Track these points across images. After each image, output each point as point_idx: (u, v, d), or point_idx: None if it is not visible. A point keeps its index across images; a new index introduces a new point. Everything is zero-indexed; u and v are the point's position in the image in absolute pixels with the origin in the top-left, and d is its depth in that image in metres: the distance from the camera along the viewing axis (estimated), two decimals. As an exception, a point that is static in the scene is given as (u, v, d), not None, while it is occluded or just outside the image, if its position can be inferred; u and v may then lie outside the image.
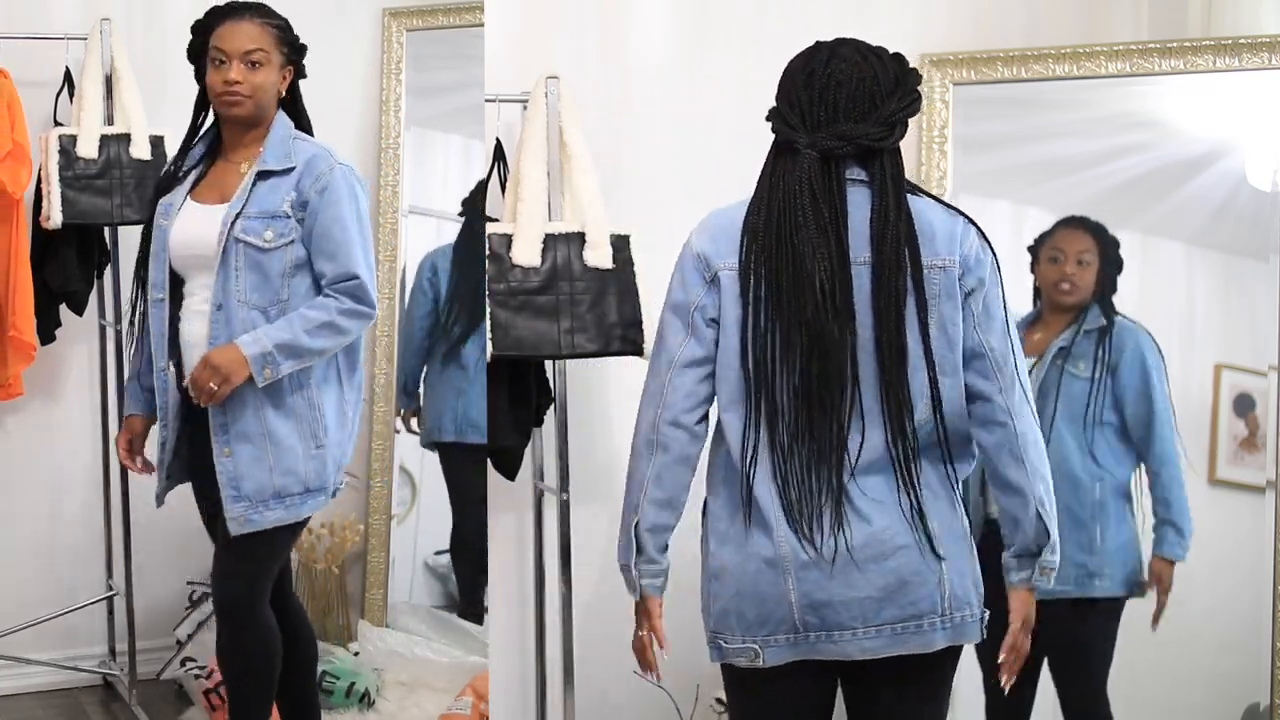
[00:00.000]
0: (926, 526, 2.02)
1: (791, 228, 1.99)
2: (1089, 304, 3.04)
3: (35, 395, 3.56)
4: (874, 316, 1.99)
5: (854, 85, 2.00)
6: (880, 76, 2.02)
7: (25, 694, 3.52)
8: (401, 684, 3.36)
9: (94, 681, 3.59)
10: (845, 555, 2.01)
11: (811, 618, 2.03)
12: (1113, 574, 2.99)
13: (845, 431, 2.00)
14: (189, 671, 3.41)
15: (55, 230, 3.29)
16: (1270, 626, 2.93)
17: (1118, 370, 2.99)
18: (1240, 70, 3.01)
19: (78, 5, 3.56)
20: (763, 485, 2.04)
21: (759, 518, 2.05)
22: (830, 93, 2.01)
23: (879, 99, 2.01)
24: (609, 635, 3.17)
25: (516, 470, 2.92)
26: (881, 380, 2.00)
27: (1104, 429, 3.00)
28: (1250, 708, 2.98)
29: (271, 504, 2.60)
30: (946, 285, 2.02)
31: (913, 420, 2.01)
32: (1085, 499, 2.99)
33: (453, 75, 3.68)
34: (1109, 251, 3.07)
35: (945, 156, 3.21)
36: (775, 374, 2.00)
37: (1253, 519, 2.98)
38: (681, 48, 3.17)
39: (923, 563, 2.02)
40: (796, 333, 1.99)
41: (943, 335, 2.02)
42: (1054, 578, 2.11)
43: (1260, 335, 2.99)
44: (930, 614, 2.03)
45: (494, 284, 2.71)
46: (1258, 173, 3.02)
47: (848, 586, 2.02)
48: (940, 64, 3.21)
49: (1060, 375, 3.00)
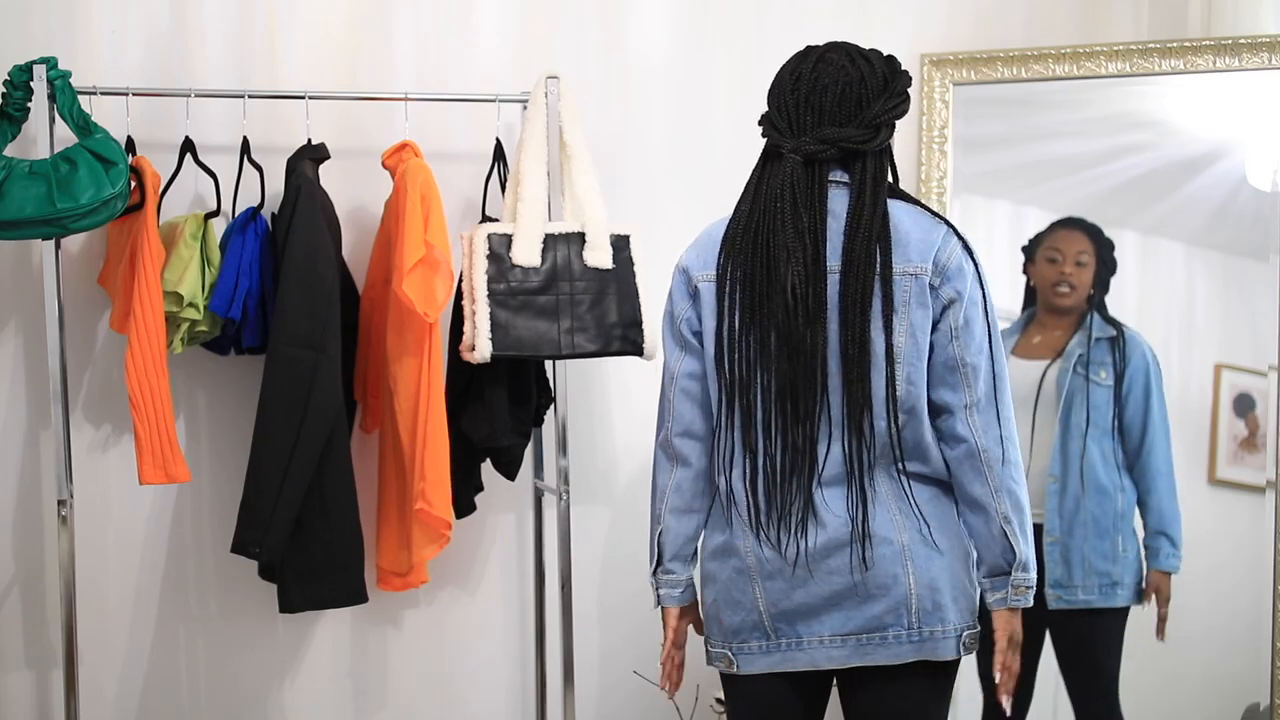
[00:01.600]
0: (867, 535, 1.99)
1: (769, 232, 2.00)
2: (1088, 309, 3.04)
3: (443, 583, 3.07)
4: (840, 317, 1.99)
5: (840, 89, 2.00)
6: (868, 79, 2.01)
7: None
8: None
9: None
10: (804, 562, 2.02)
11: (782, 624, 2.05)
12: (1130, 583, 3.02)
13: (815, 436, 2.00)
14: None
15: (481, 364, 2.66)
16: (1270, 626, 2.93)
17: (1122, 378, 3.00)
18: (1240, 70, 3.01)
19: (512, 57, 3.02)
20: (739, 490, 2.05)
21: (736, 524, 2.07)
22: (816, 97, 2.01)
23: (866, 101, 2.01)
24: (609, 635, 3.18)
25: (516, 470, 2.92)
26: (843, 381, 1.99)
27: (1118, 438, 3.02)
28: (1250, 708, 2.98)
29: None
30: (917, 292, 1.99)
31: (871, 423, 1.99)
32: (1109, 509, 3.00)
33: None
34: (1104, 253, 3.08)
35: (945, 156, 3.21)
36: (750, 380, 2.01)
37: (1252, 519, 2.98)
38: (681, 48, 3.17)
39: (883, 574, 2.01)
40: (769, 338, 1.99)
41: (911, 342, 2.00)
42: (1031, 595, 2.06)
43: (1260, 335, 2.99)
44: (895, 626, 2.01)
45: (494, 284, 2.71)
46: (1258, 173, 3.02)
47: (808, 594, 2.03)
48: (940, 64, 3.21)
49: (1086, 384, 3.01)
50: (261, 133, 2.78)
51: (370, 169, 2.84)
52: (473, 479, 2.92)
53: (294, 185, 2.64)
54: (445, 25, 3.01)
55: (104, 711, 2.89)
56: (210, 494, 2.91)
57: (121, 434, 2.86)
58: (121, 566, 2.89)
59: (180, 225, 2.68)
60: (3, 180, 2.47)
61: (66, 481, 2.62)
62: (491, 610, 3.14)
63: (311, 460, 2.60)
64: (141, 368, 2.55)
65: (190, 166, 2.72)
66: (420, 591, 3.04)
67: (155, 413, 2.57)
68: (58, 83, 2.56)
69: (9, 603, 2.85)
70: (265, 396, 2.61)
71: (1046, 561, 2.99)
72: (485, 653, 3.15)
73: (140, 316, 2.55)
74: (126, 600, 2.90)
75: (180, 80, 2.81)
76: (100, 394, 2.84)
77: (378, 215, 2.88)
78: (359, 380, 2.87)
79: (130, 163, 2.57)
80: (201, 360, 2.85)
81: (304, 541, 2.64)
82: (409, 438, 2.70)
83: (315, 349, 2.59)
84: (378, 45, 2.97)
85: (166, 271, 2.64)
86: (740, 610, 2.07)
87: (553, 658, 3.08)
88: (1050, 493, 3.01)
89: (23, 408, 2.81)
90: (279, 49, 2.90)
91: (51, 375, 2.61)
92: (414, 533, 2.73)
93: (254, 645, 2.99)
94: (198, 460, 2.89)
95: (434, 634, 3.10)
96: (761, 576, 2.04)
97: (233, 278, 2.66)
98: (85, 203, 2.47)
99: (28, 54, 2.61)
